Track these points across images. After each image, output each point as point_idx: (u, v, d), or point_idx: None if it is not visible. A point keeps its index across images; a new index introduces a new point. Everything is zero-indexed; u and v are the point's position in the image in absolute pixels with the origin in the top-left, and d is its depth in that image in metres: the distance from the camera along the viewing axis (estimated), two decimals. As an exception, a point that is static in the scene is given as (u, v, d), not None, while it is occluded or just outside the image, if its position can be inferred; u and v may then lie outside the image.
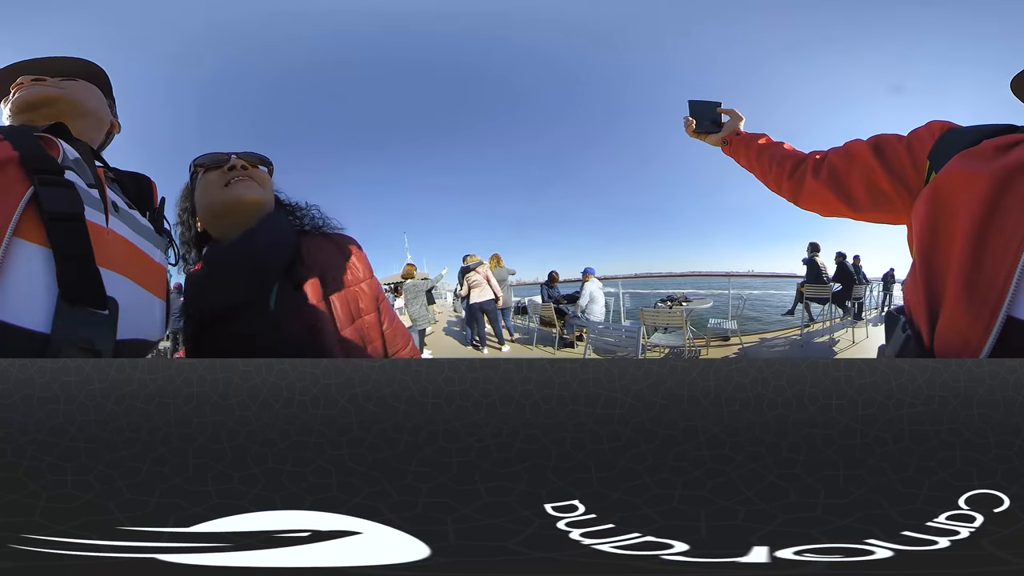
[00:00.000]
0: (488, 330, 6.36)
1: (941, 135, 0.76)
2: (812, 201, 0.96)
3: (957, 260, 0.64)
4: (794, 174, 0.99)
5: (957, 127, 0.76)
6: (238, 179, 0.91)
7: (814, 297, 6.52)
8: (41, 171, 0.64)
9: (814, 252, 6.71)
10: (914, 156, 0.79)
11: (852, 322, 6.33)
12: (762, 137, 1.11)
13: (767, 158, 1.06)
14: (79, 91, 0.86)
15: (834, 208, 0.93)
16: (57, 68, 0.86)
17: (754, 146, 1.10)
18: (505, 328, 6.49)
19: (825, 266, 6.68)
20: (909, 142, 0.81)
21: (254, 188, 0.92)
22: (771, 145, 1.08)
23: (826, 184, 0.92)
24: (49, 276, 0.61)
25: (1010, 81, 0.82)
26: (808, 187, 0.95)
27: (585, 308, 6.10)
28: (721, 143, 1.17)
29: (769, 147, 1.08)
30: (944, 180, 0.69)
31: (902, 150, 0.81)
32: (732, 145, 1.14)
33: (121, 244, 0.72)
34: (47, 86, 0.83)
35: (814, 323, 6.58)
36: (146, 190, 0.87)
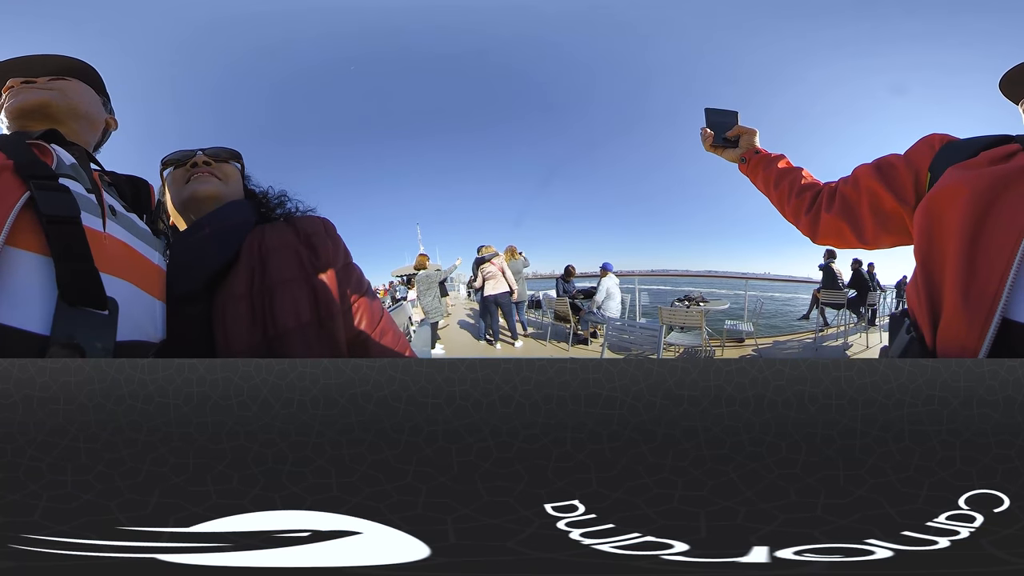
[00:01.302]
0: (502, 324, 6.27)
1: (941, 147, 0.78)
2: (828, 235, 0.96)
3: (953, 267, 0.66)
4: (811, 209, 0.97)
5: (956, 140, 0.79)
6: (196, 175, 0.92)
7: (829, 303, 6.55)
8: (36, 177, 0.64)
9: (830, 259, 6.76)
10: (915, 171, 0.81)
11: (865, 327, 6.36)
12: (781, 159, 1.08)
13: (787, 186, 1.03)
14: (72, 92, 0.85)
15: (848, 239, 0.92)
16: (46, 67, 0.85)
17: (773, 169, 1.06)
18: (519, 322, 6.38)
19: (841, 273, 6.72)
20: (908, 158, 0.83)
21: (211, 183, 0.91)
22: (791, 171, 1.05)
23: (839, 215, 0.91)
24: (48, 278, 0.61)
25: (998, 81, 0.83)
26: (824, 222, 0.94)
27: (601, 304, 6.04)
28: (739, 160, 1.13)
29: (789, 173, 1.04)
30: (938, 192, 0.72)
31: (901, 167, 0.83)
32: (751, 164, 1.11)
33: (119, 248, 0.72)
34: (38, 88, 0.82)
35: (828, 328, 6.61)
36: (143, 192, 0.87)
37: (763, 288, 8.52)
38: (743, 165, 1.12)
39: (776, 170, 1.06)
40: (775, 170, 1.06)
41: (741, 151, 1.12)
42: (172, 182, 0.94)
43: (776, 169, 1.06)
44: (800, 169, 1.05)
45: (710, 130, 1.15)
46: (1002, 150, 0.70)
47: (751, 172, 1.11)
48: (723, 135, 1.14)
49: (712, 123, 1.15)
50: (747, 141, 1.12)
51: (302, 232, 0.87)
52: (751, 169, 1.11)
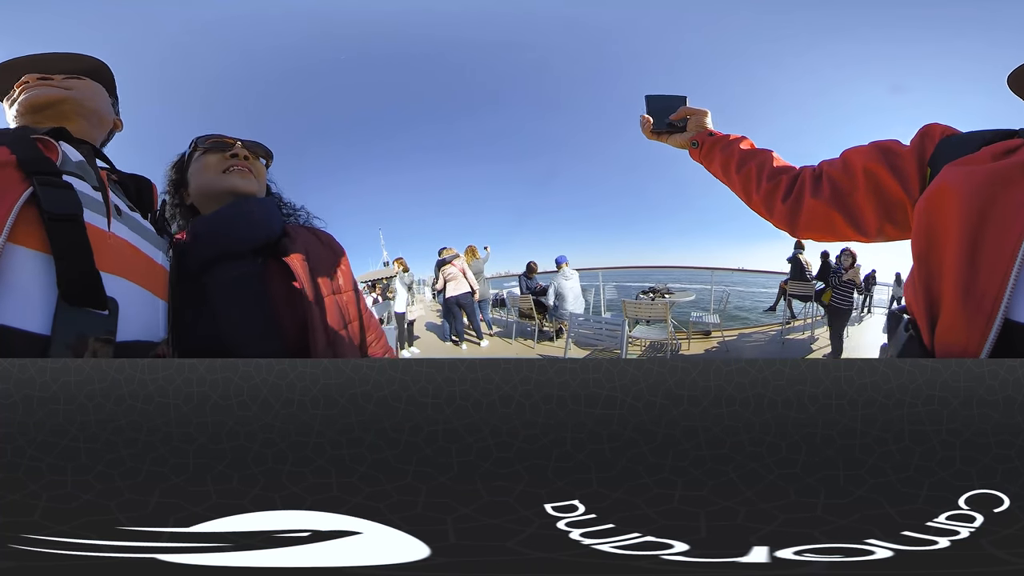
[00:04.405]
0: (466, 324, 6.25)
1: (941, 140, 0.74)
2: (813, 226, 0.83)
3: (952, 267, 0.64)
4: (788, 195, 0.83)
5: (956, 133, 0.75)
6: (237, 168, 0.92)
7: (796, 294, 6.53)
8: (39, 173, 0.64)
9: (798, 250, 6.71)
10: (919, 162, 0.76)
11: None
12: (743, 140, 0.92)
13: (753, 168, 0.87)
14: (85, 91, 0.85)
15: (841, 230, 0.81)
16: (63, 66, 0.86)
17: (735, 151, 0.90)
18: (484, 322, 6.35)
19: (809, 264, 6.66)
20: (911, 148, 0.77)
21: (251, 181, 0.93)
22: (757, 153, 0.89)
23: (829, 203, 0.80)
24: (49, 278, 0.61)
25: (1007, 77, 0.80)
26: (808, 210, 0.82)
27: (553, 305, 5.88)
28: (689, 145, 0.97)
29: (755, 155, 0.89)
30: (935, 190, 0.69)
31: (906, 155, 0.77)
32: (704, 147, 0.94)
33: (124, 247, 0.72)
34: (53, 86, 0.82)
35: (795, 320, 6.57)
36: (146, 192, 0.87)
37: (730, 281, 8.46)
38: (694, 150, 0.96)
39: (738, 151, 0.90)
40: (736, 151, 0.90)
41: (690, 135, 0.97)
42: (204, 166, 0.94)
43: (738, 150, 0.90)
44: (769, 151, 0.89)
45: (649, 116, 1.00)
46: (1003, 145, 0.67)
47: (705, 157, 0.95)
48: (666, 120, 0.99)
49: (653, 111, 1.00)
50: (696, 123, 0.97)
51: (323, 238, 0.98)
52: (705, 154, 0.95)
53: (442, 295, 6.16)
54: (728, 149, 0.92)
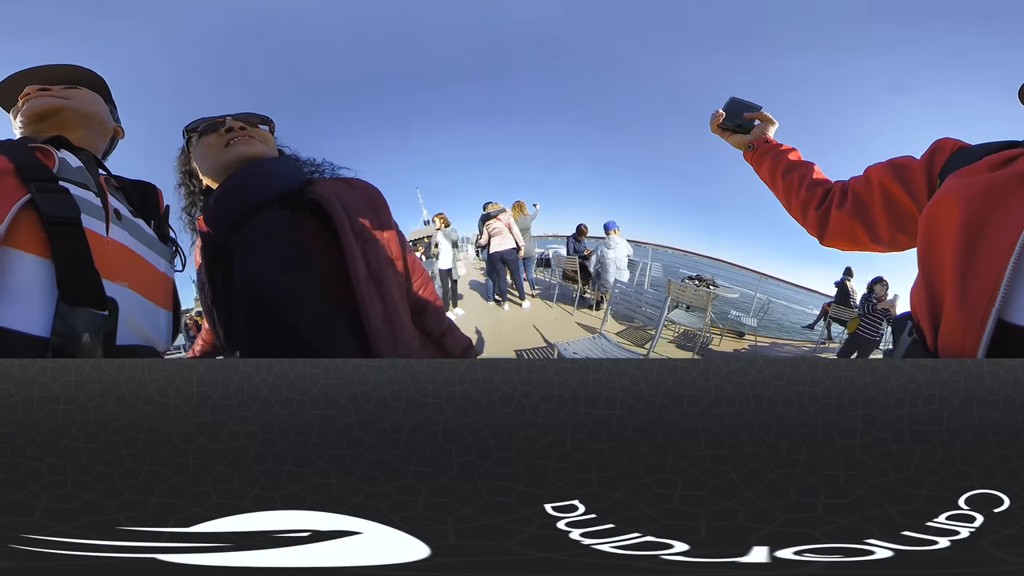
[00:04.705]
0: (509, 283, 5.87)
1: (951, 154, 0.78)
2: (838, 235, 0.91)
3: (951, 272, 0.66)
4: (820, 205, 0.93)
5: (966, 146, 0.78)
6: (238, 139, 0.92)
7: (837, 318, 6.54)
8: (37, 180, 0.65)
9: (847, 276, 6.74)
10: (929, 175, 0.80)
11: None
12: (792, 151, 1.01)
13: (796, 178, 0.97)
14: (84, 99, 0.88)
15: (860, 239, 0.88)
16: (60, 76, 0.88)
17: (783, 160, 1.00)
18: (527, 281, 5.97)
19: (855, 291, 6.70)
20: (922, 162, 0.82)
21: (256, 145, 0.93)
22: (801, 164, 0.99)
23: (851, 214, 0.87)
24: (49, 281, 0.61)
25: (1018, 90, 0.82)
26: (834, 220, 0.90)
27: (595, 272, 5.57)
28: (745, 147, 1.06)
29: (799, 166, 0.98)
30: (936, 201, 0.72)
31: (917, 169, 0.81)
32: (757, 151, 1.04)
33: (122, 252, 0.72)
34: (53, 96, 0.85)
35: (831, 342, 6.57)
36: (151, 198, 0.88)
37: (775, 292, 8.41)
38: (749, 152, 1.05)
39: (786, 160, 1.00)
40: (784, 160, 1.00)
41: (750, 138, 1.06)
42: (206, 148, 0.93)
43: (786, 160, 1.00)
44: (811, 164, 0.99)
45: (724, 111, 1.08)
46: (1003, 155, 0.70)
47: (757, 160, 1.04)
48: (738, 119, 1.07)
49: (730, 109, 1.09)
50: (761, 129, 1.06)
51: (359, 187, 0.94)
52: (757, 157, 1.04)
53: (486, 251, 5.79)
54: (778, 157, 1.01)
